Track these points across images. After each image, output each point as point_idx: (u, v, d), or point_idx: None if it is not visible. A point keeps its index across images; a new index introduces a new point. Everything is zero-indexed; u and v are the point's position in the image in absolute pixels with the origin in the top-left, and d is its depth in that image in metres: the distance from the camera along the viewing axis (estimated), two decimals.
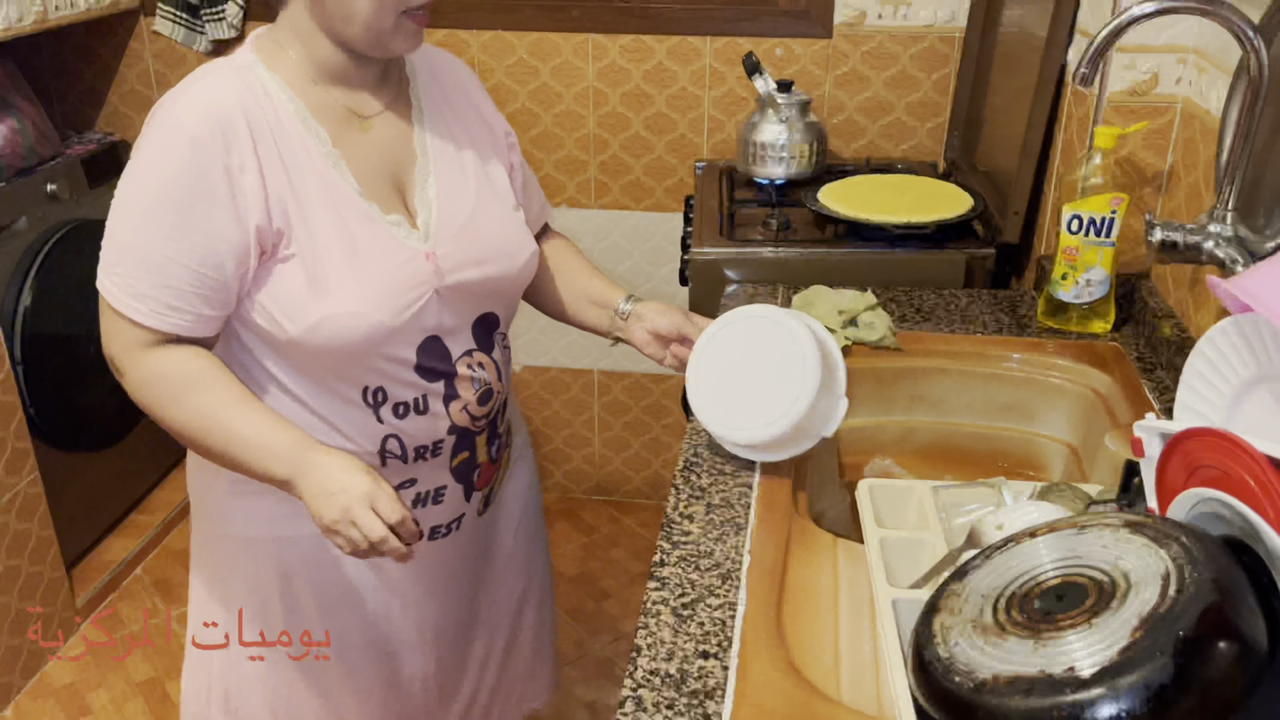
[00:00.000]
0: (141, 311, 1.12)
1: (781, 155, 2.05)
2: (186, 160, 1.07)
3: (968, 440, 1.50)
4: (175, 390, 1.13)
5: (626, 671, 0.94)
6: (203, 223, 1.08)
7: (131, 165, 1.11)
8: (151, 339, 1.14)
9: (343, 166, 1.16)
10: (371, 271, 1.14)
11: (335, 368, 1.17)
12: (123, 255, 1.13)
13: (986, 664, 0.78)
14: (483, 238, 1.24)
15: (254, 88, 1.12)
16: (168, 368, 1.13)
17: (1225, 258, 1.27)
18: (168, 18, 2.50)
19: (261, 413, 1.14)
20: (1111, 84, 1.58)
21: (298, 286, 1.12)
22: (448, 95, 1.29)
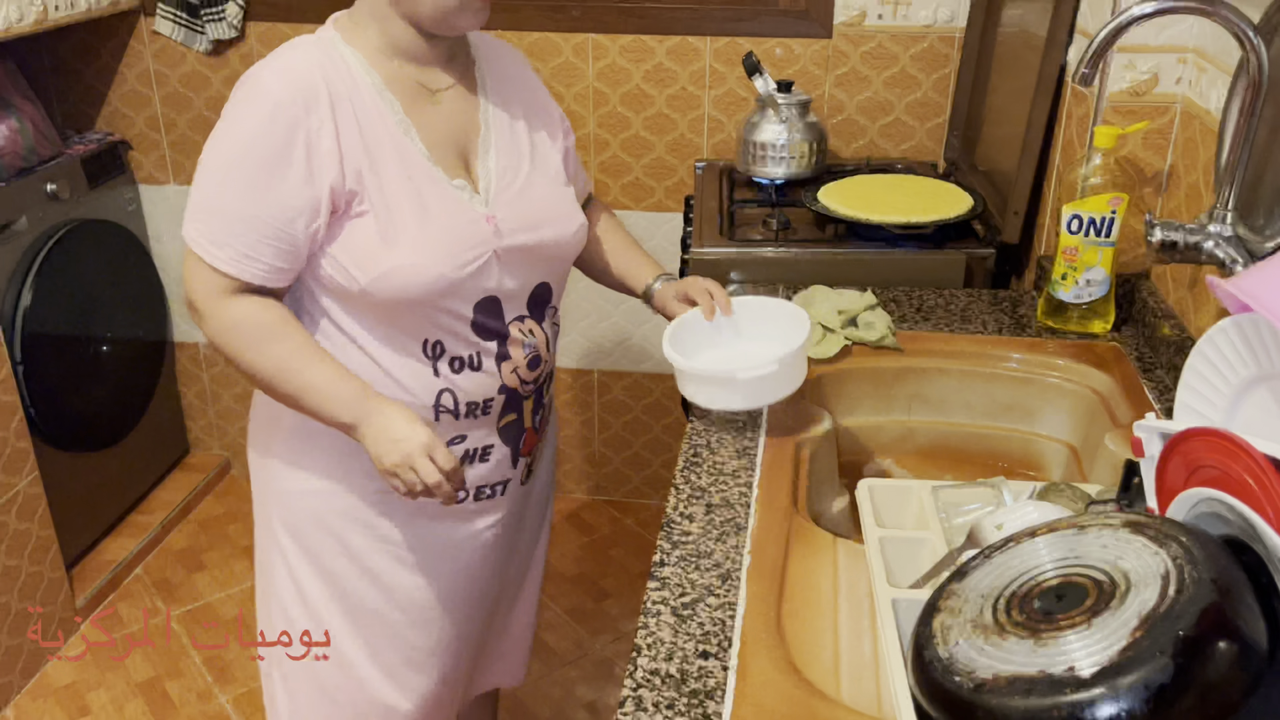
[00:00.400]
0: (221, 259, 1.20)
1: (781, 155, 2.05)
2: (267, 123, 1.17)
3: (968, 440, 1.50)
4: (253, 337, 1.23)
5: (626, 671, 0.94)
6: (279, 182, 1.18)
7: (220, 125, 1.21)
8: (230, 286, 1.22)
9: (413, 133, 1.26)
10: (437, 228, 1.24)
11: (398, 318, 1.26)
12: (206, 207, 1.21)
13: (986, 664, 0.78)
14: (537, 206, 1.34)
15: (335, 59, 1.23)
16: (245, 315, 1.22)
17: (1225, 258, 1.27)
18: (168, 18, 2.50)
19: (330, 363, 1.24)
20: (1111, 84, 1.58)
21: (369, 240, 1.22)
22: (509, 79, 1.40)
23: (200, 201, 1.21)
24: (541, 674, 2.30)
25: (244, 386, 2.92)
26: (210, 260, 1.20)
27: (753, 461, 1.26)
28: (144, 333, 2.74)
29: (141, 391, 2.76)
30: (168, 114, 2.64)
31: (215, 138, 1.20)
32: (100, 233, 2.54)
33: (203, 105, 2.61)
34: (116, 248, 2.61)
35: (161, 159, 2.69)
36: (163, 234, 2.77)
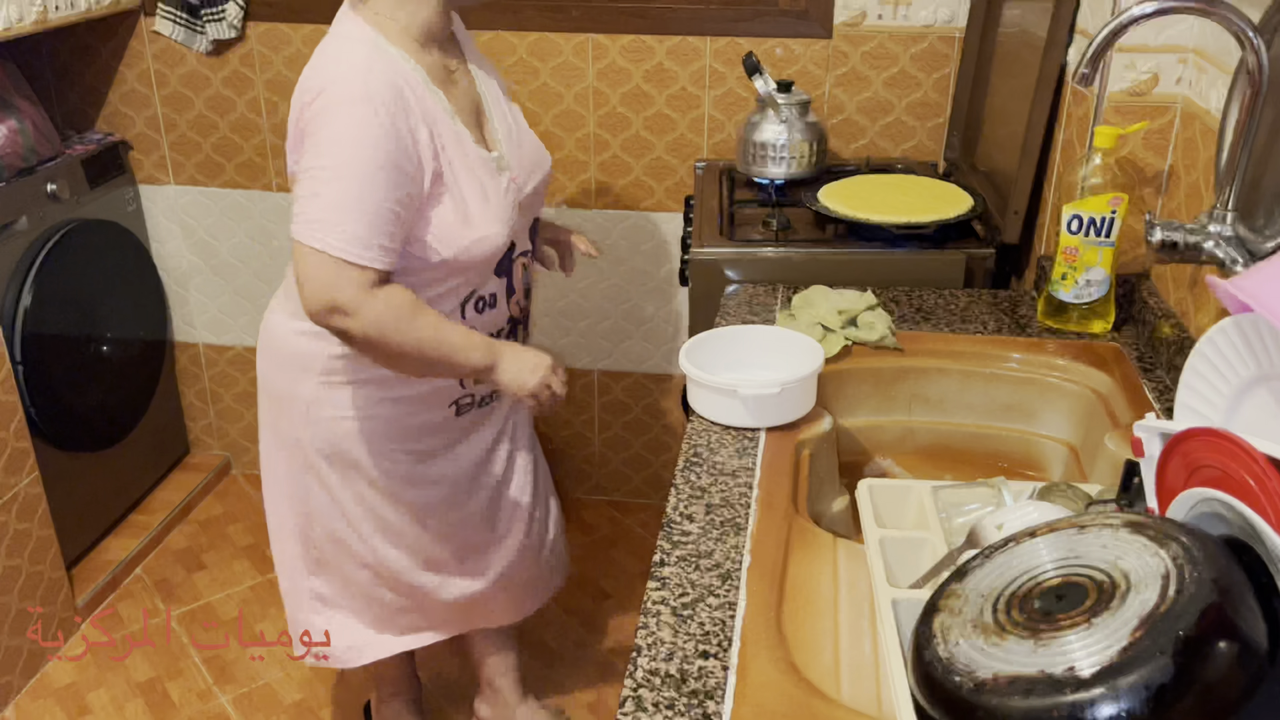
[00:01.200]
0: (370, 257, 1.31)
1: (781, 155, 2.05)
2: (376, 125, 1.29)
3: (968, 440, 1.50)
4: (403, 317, 1.35)
5: (626, 671, 0.94)
6: (402, 175, 1.32)
7: (330, 138, 1.29)
8: (376, 279, 1.33)
9: (457, 119, 1.42)
10: (493, 201, 1.44)
11: (451, 278, 1.46)
12: (344, 213, 1.29)
13: (986, 664, 0.78)
14: (528, 150, 1.56)
15: (388, 59, 1.35)
16: (395, 299, 1.35)
17: (1225, 258, 1.27)
18: (168, 18, 2.50)
19: (455, 324, 1.43)
20: (1111, 84, 1.58)
21: (450, 219, 1.39)
22: (469, 45, 1.57)
23: (335, 210, 1.28)
24: (541, 674, 2.30)
25: (244, 386, 2.92)
26: (361, 262, 1.30)
27: (753, 461, 1.26)
28: (144, 333, 2.74)
29: (141, 391, 2.76)
30: (168, 114, 2.64)
31: (333, 150, 1.28)
32: (100, 233, 2.54)
33: (203, 105, 2.61)
34: (116, 248, 2.61)
35: (161, 159, 2.69)
36: (163, 234, 2.77)
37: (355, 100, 1.29)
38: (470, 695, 2.14)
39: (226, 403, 2.96)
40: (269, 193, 2.69)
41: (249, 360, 2.89)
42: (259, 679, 2.30)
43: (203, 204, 2.73)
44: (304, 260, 1.30)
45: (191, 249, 2.78)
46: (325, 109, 1.29)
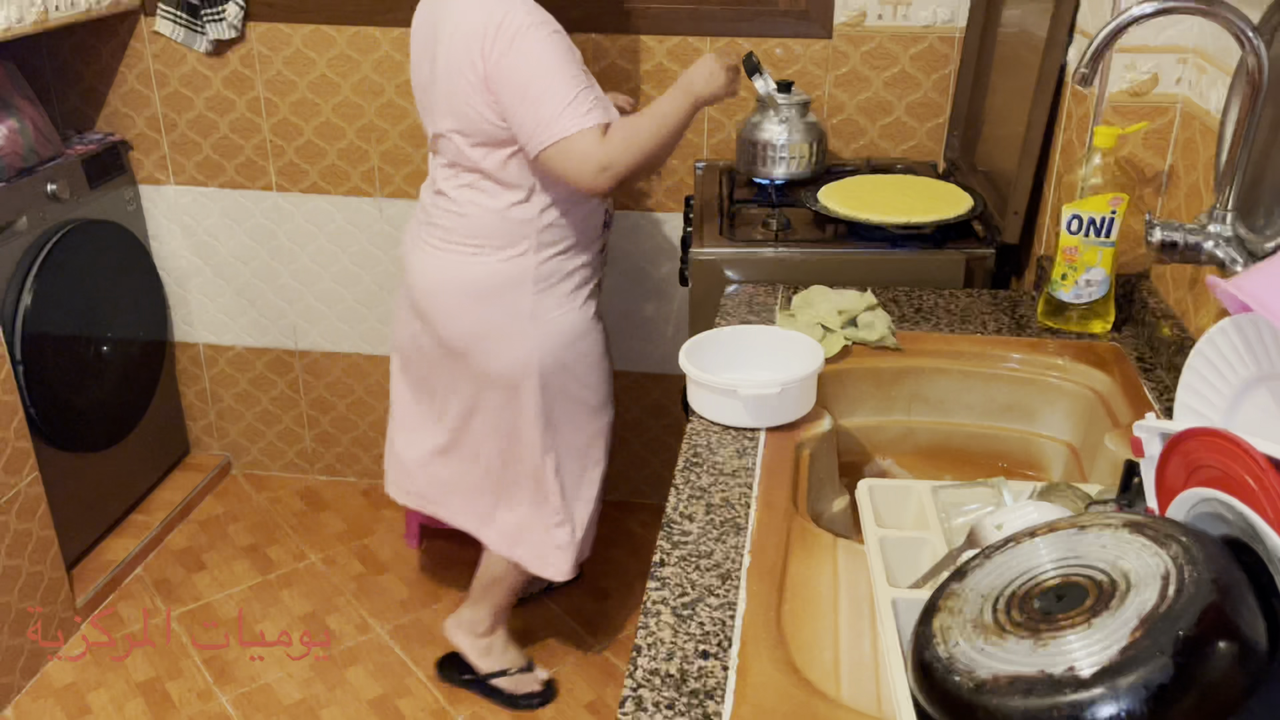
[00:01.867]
0: (600, 115, 1.72)
1: (781, 155, 2.05)
2: (554, 33, 1.71)
3: (968, 440, 1.50)
4: (634, 128, 1.74)
5: (626, 671, 0.94)
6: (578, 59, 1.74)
7: (525, 47, 1.68)
8: (604, 129, 1.72)
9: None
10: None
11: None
12: (569, 93, 1.68)
13: (986, 664, 0.78)
14: None
15: None
16: (616, 127, 1.73)
17: (1225, 258, 1.27)
18: (168, 18, 2.50)
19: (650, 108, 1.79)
20: (1111, 84, 1.58)
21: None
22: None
23: (560, 99, 1.67)
24: None
25: (244, 386, 2.93)
26: (596, 121, 1.69)
27: (753, 461, 1.26)
28: (144, 333, 2.74)
29: (141, 391, 2.76)
30: (168, 114, 2.64)
31: (534, 61, 1.68)
32: (100, 233, 2.54)
33: (203, 105, 2.61)
34: (116, 248, 2.61)
35: (161, 159, 2.69)
36: (163, 234, 2.77)
37: (536, 27, 1.68)
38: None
39: (226, 403, 2.96)
40: (269, 193, 2.69)
41: (249, 360, 2.89)
42: (259, 679, 2.30)
43: (203, 204, 2.73)
44: (560, 156, 1.70)
45: (191, 249, 2.78)
46: (512, 37, 1.67)
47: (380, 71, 2.51)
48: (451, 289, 1.91)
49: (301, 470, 3.02)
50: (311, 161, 2.63)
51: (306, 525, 2.81)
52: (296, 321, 2.82)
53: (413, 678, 2.31)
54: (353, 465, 2.99)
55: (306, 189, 2.67)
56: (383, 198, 2.64)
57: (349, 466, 3.00)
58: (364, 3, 2.44)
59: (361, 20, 2.46)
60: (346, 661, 2.35)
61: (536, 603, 2.49)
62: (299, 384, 2.90)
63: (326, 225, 2.70)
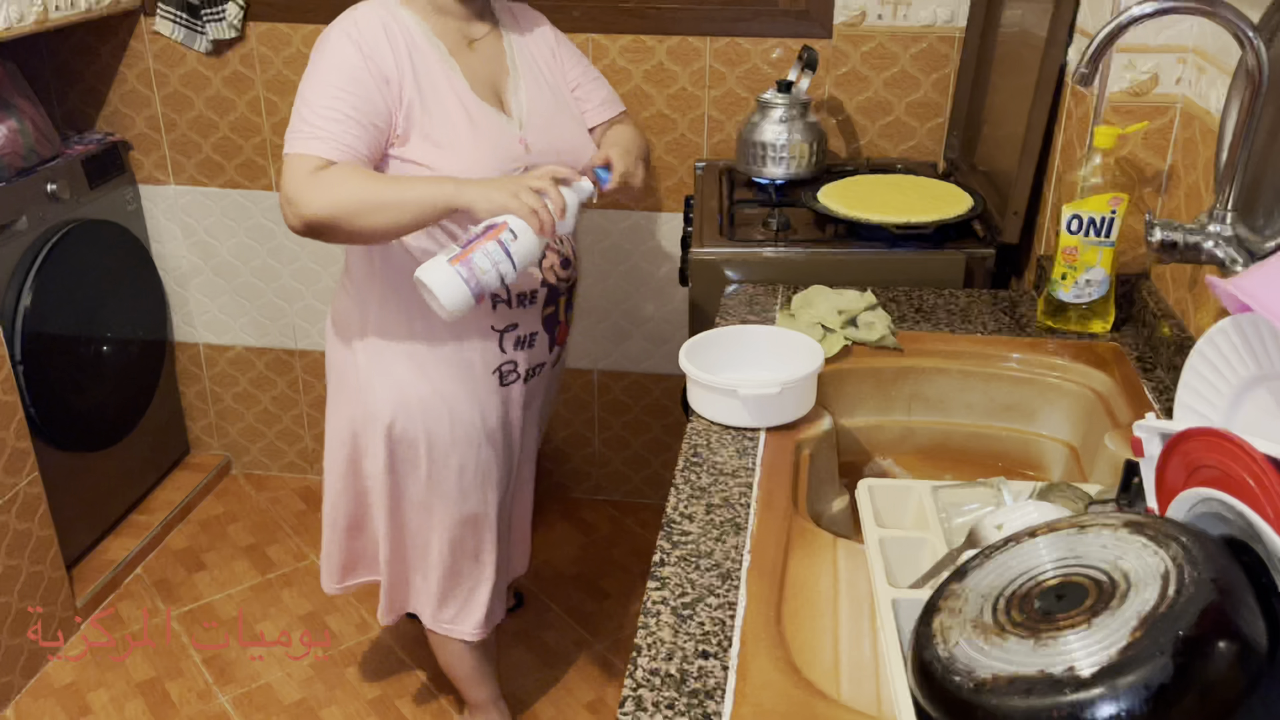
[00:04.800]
0: (318, 146, 1.46)
1: (781, 155, 2.05)
2: (350, 51, 1.49)
3: (968, 440, 1.50)
4: (345, 177, 1.45)
5: (626, 671, 0.94)
6: (359, 84, 1.49)
7: (311, 67, 1.51)
8: (320, 164, 1.46)
9: (457, 71, 1.57)
10: (484, 139, 1.55)
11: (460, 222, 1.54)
12: (306, 114, 1.48)
13: (986, 664, 0.78)
14: (558, 134, 1.65)
15: (394, 16, 1.55)
16: (336, 170, 1.46)
17: (1225, 258, 1.27)
18: (168, 18, 2.50)
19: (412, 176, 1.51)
20: (1111, 84, 1.58)
21: (423, 147, 1.52)
22: (529, 36, 1.72)
23: (298, 119, 1.48)
24: (541, 674, 2.31)
25: (244, 386, 2.93)
26: (305, 150, 1.45)
27: (753, 461, 1.26)
28: (144, 333, 2.74)
29: (141, 391, 2.76)
30: (168, 114, 2.64)
31: (311, 70, 1.50)
32: (100, 233, 2.54)
33: (203, 105, 2.61)
34: (116, 248, 2.61)
35: (161, 159, 2.69)
36: (163, 234, 2.77)
37: (335, 38, 1.51)
38: None
39: (226, 403, 2.96)
40: (269, 193, 2.69)
41: (249, 360, 2.89)
42: (259, 679, 2.30)
43: (203, 204, 2.73)
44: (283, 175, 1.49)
45: (191, 249, 2.78)
46: (317, 47, 1.52)
47: None
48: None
49: (301, 470, 3.02)
50: None
51: (306, 525, 2.81)
52: (296, 321, 2.82)
53: (413, 678, 2.30)
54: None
55: None
56: None
57: None
58: None
59: None
60: (346, 661, 2.35)
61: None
62: (299, 384, 2.90)
63: None
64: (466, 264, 1.38)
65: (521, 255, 1.41)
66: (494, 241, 1.39)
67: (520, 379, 1.73)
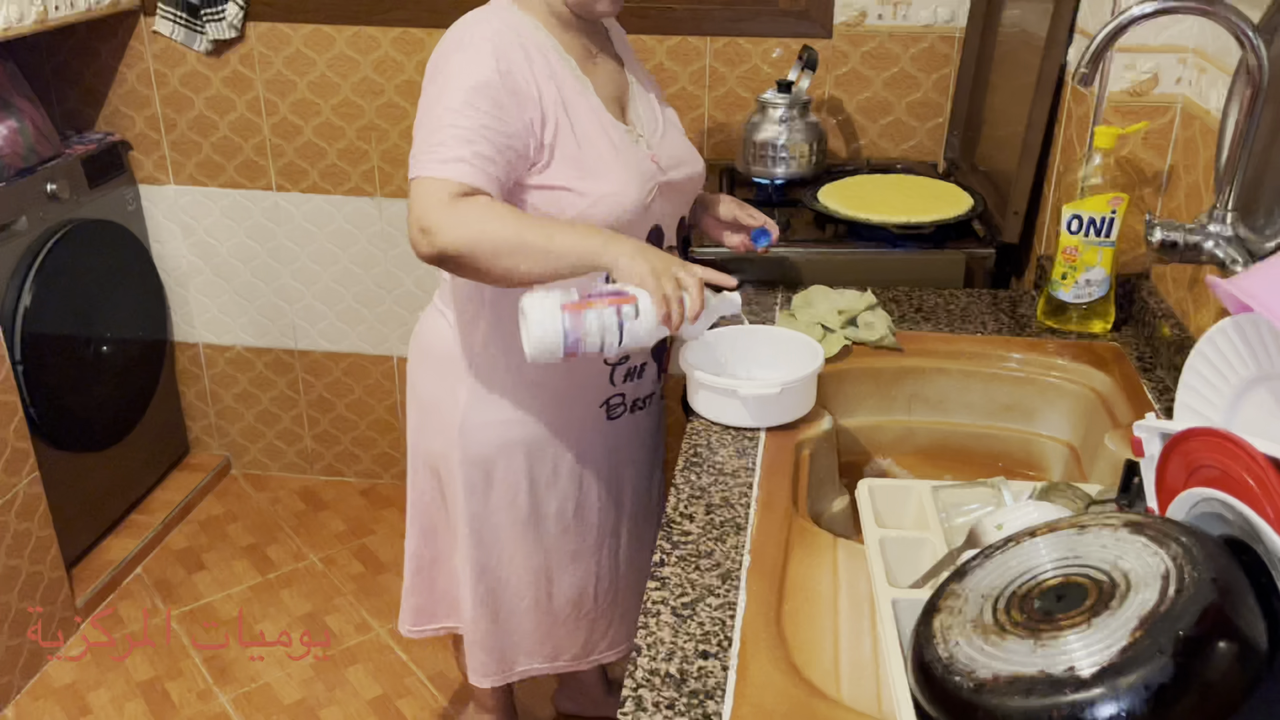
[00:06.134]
0: (459, 170, 1.30)
1: (781, 155, 2.05)
2: (488, 64, 1.34)
3: (968, 440, 1.50)
4: (494, 212, 1.29)
5: (627, 671, 0.94)
6: (500, 106, 1.34)
7: (438, 82, 1.36)
8: (460, 191, 1.29)
9: (590, 88, 1.46)
10: (625, 162, 1.44)
11: None
12: (435, 135, 1.32)
13: (986, 664, 0.78)
14: (677, 148, 1.56)
15: (516, 25, 1.42)
16: (477, 203, 1.30)
17: (1225, 258, 1.27)
18: (168, 18, 2.50)
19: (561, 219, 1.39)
20: (1111, 84, 1.58)
21: (572, 176, 1.40)
22: (628, 51, 1.63)
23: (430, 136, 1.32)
24: None
25: (244, 386, 2.93)
26: (438, 174, 1.29)
27: (753, 461, 1.26)
28: (144, 333, 2.74)
29: (141, 391, 2.76)
30: (168, 114, 2.64)
31: (438, 87, 1.34)
32: (100, 233, 2.54)
33: (203, 105, 2.61)
34: (116, 248, 2.61)
35: (161, 159, 2.69)
36: (163, 234, 2.77)
37: (470, 47, 1.36)
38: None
39: (226, 403, 2.96)
40: (269, 192, 2.69)
41: (249, 360, 2.89)
42: (259, 679, 2.30)
43: (203, 204, 2.73)
44: (410, 198, 1.32)
45: (191, 249, 2.78)
46: (441, 57, 1.38)
47: (380, 71, 2.51)
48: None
49: (301, 470, 3.02)
50: (311, 161, 2.63)
51: (306, 525, 2.81)
52: (296, 321, 2.82)
53: (413, 678, 2.30)
54: (352, 465, 2.99)
55: (306, 189, 2.67)
56: (383, 198, 2.64)
57: (349, 466, 2.99)
58: (364, 3, 2.44)
59: (361, 20, 2.46)
60: (346, 661, 2.35)
61: None
62: (299, 384, 2.90)
63: (326, 225, 2.70)
64: (577, 317, 1.22)
65: (634, 336, 1.25)
66: (614, 309, 1.23)
67: (626, 410, 1.62)
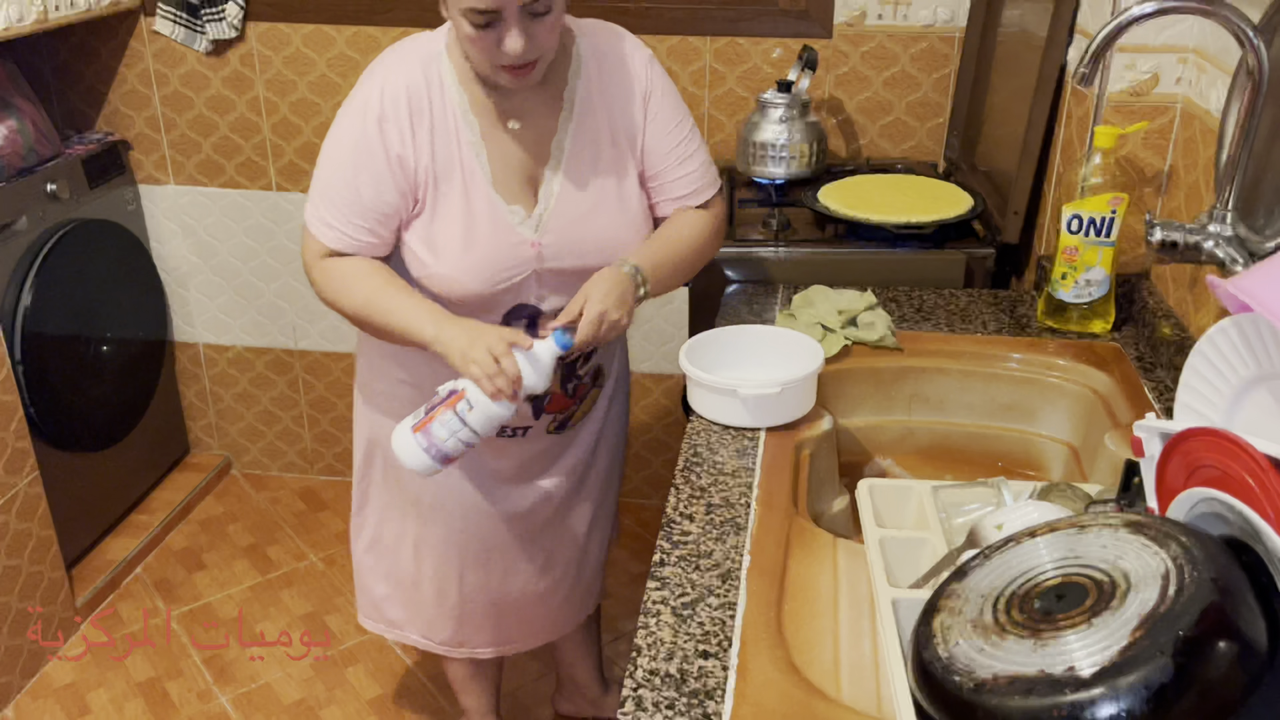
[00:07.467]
0: (323, 232, 1.44)
1: (781, 155, 2.05)
2: (366, 134, 1.38)
3: (968, 440, 1.50)
4: (343, 282, 1.43)
5: (627, 671, 0.94)
6: (366, 174, 1.39)
7: (335, 124, 1.43)
8: (328, 250, 1.45)
9: (484, 157, 1.41)
10: (478, 251, 1.41)
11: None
12: (317, 191, 1.44)
13: (986, 664, 0.78)
14: (591, 234, 1.45)
15: (432, 79, 1.39)
16: (338, 267, 1.44)
17: (1225, 257, 1.27)
18: (168, 18, 2.50)
19: (410, 292, 1.42)
20: (1111, 84, 1.58)
21: (420, 245, 1.43)
22: (606, 92, 1.46)
23: (315, 186, 1.45)
24: (541, 674, 2.30)
25: (244, 386, 2.93)
26: (316, 235, 1.44)
27: (753, 461, 1.26)
28: (144, 333, 2.74)
29: (141, 391, 2.76)
30: (168, 114, 2.64)
31: (331, 136, 1.43)
32: (100, 233, 2.54)
33: (203, 105, 2.61)
34: (116, 248, 2.61)
35: (161, 159, 2.69)
36: (163, 234, 2.77)
37: (356, 103, 1.40)
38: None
39: (226, 403, 2.96)
40: (269, 192, 2.69)
41: (249, 360, 2.89)
42: (259, 679, 2.30)
43: (203, 204, 2.73)
44: None
45: (191, 249, 2.78)
46: (348, 97, 1.43)
47: None
48: None
49: (301, 470, 3.02)
50: (311, 161, 2.62)
51: (306, 525, 2.81)
52: (296, 321, 2.82)
53: (413, 678, 2.30)
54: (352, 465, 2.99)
55: (306, 189, 2.65)
56: None
57: (349, 466, 2.98)
58: (364, 3, 2.44)
59: (361, 20, 2.46)
60: (346, 661, 2.35)
61: None
62: (299, 384, 2.90)
63: None
64: (426, 434, 1.36)
65: (482, 423, 1.35)
66: (450, 411, 1.35)
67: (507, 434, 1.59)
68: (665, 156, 1.49)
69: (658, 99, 1.48)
